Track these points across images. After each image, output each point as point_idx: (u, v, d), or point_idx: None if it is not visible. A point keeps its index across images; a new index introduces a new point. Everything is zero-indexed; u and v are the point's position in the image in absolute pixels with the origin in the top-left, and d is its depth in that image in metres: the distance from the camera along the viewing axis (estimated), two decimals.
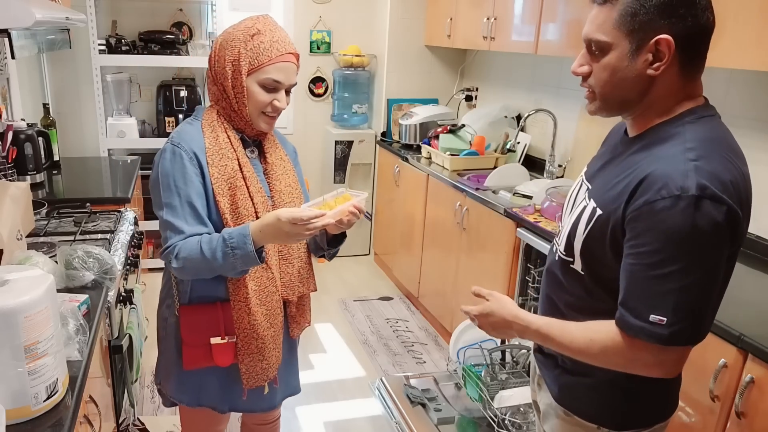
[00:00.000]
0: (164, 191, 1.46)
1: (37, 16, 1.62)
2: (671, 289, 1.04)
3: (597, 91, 1.15)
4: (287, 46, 1.50)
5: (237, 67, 1.47)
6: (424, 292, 3.70)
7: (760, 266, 2.09)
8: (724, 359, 1.62)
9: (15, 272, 1.20)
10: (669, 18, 1.05)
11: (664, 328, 1.04)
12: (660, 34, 1.05)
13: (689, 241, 1.02)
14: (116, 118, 3.88)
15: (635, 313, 1.07)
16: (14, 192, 1.85)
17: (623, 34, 1.07)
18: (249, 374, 1.58)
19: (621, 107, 1.16)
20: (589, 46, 1.13)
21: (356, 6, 4.36)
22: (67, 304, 1.52)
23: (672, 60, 1.08)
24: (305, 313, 1.73)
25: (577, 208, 1.23)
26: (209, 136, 1.50)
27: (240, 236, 1.39)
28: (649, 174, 1.06)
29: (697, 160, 1.04)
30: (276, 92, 1.49)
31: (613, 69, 1.10)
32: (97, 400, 1.60)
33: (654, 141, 1.12)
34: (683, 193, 1.01)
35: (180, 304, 1.58)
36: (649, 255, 1.04)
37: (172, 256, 1.44)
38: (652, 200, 1.03)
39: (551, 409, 1.36)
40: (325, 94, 4.50)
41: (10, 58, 2.15)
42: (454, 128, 3.64)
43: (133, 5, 3.90)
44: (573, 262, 1.22)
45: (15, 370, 1.12)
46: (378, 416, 2.74)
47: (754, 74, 2.17)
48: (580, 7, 2.53)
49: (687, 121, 1.12)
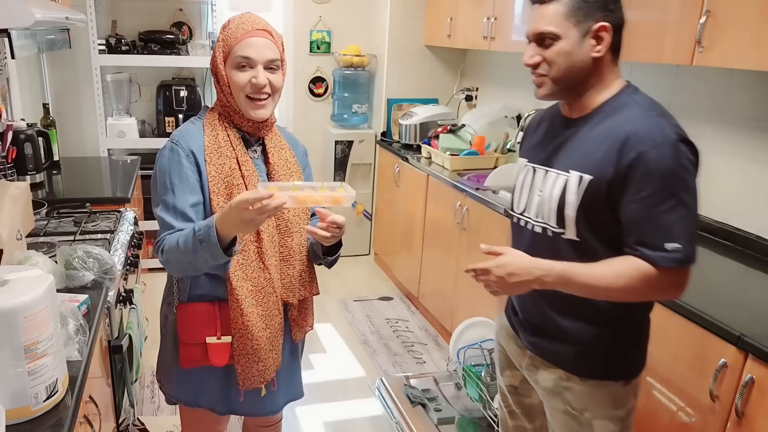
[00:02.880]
0: (160, 187, 1.48)
1: (37, 16, 1.62)
2: (676, 220, 1.24)
3: (551, 75, 1.35)
4: (254, 24, 1.49)
5: (216, 61, 1.51)
6: (424, 292, 3.70)
7: (760, 266, 2.09)
8: (724, 359, 1.62)
9: (15, 272, 1.20)
10: (604, 10, 1.31)
11: (681, 252, 1.24)
12: (599, 23, 1.30)
13: (679, 177, 1.24)
14: (116, 118, 3.88)
15: (653, 247, 1.26)
16: (14, 192, 1.85)
17: (571, 25, 1.30)
18: (245, 375, 1.57)
19: (571, 89, 1.37)
20: (540, 38, 1.34)
21: (356, 6, 4.36)
22: (67, 304, 1.52)
23: (608, 45, 1.33)
24: (307, 317, 1.71)
25: (550, 185, 1.39)
26: (209, 135, 1.51)
27: (205, 227, 1.36)
28: (630, 133, 1.26)
29: (660, 116, 1.29)
30: (252, 69, 1.48)
31: (566, 54, 1.32)
32: (96, 400, 1.60)
33: (609, 112, 1.34)
34: (666, 141, 1.24)
35: (179, 302, 1.58)
36: (650, 196, 1.24)
37: (159, 250, 1.46)
38: (642, 150, 1.24)
39: (561, 383, 1.46)
40: (325, 94, 4.50)
41: (10, 58, 2.15)
42: (454, 128, 3.64)
43: (133, 5, 3.90)
44: (565, 233, 1.37)
45: (15, 370, 1.11)
46: (378, 416, 2.74)
47: (754, 74, 2.16)
48: None
49: (628, 93, 1.36)
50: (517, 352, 1.59)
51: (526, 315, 1.53)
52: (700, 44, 1.95)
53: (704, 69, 2.35)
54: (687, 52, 2.01)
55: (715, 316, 1.67)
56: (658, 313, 1.29)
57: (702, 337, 1.69)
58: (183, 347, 1.56)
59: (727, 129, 2.30)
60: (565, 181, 1.35)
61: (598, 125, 1.34)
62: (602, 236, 1.34)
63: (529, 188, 1.46)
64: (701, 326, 1.69)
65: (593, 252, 1.34)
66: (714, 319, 1.66)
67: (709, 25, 1.92)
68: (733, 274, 2.07)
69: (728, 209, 2.30)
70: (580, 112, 1.39)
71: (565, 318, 1.43)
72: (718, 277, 2.03)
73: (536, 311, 1.49)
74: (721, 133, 2.33)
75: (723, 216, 2.31)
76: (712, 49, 1.93)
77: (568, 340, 1.44)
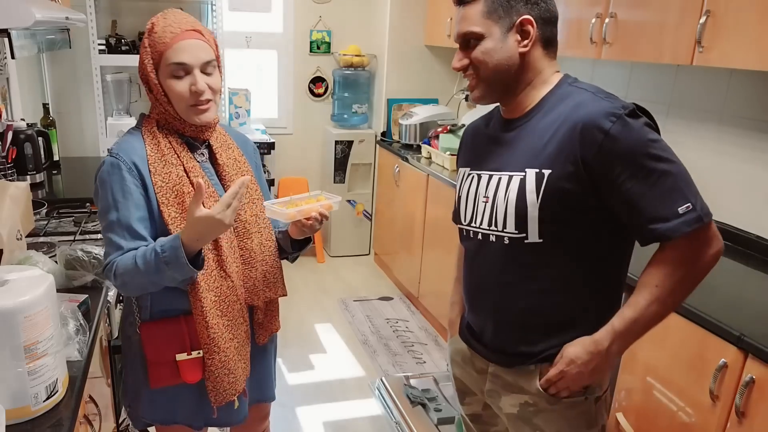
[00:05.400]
0: (103, 205, 1.40)
1: (37, 16, 1.62)
2: (672, 183, 1.18)
3: (480, 76, 1.30)
4: (182, 25, 1.39)
5: (145, 70, 1.41)
6: (424, 292, 3.70)
7: (760, 266, 2.09)
8: (724, 359, 1.62)
9: (15, 272, 1.21)
10: (527, 4, 1.25)
11: (694, 211, 1.18)
12: (522, 16, 1.25)
13: (652, 141, 1.19)
14: (116, 118, 3.88)
15: (665, 218, 1.18)
16: (14, 192, 1.85)
17: (493, 22, 1.26)
18: (216, 391, 1.49)
19: (503, 89, 1.31)
20: (465, 40, 1.29)
21: (356, 6, 4.36)
22: (67, 304, 1.52)
23: (536, 38, 1.27)
24: (273, 320, 1.64)
25: (503, 189, 1.29)
26: (150, 144, 1.43)
27: (171, 249, 1.30)
28: (585, 117, 1.20)
29: (608, 98, 1.23)
30: (188, 75, 1.39)
31: (490, 52, 1.27)
32: (96, 400, 1.60)
33: (553, 104, 1.28)
34: (624, 111, 1.18)
35: (141, 320, 1.48)
36: (635, 173, 1.18)
37: (111, 273, 1.38)
38: (605, 128, 1.18)
39: (528, 408, 1.34)
40: (325, 94, 4.50)
41: (10, 58, 2.15)
42: (454, 128, 3.64)
43: (133, 5, 3.90)
44: (527, 236, 1.27)
45: (15, 370, 1.12)
46: (378, 416, 2.74)
47: (754, 74, 2.17)
48: (580, 7, 2.52)
49: (569, 83, 1.31)
50: (475, 378, 1.47)
51: (488, 335, 1.40)
52: (700, 44, 1.95)
53: (704, 69, 2.35)
54: (687, 52, 2.01)
55: (715, 316, 1.67)
56: None
57: (702, 337, 1.69)
58: (152, 367, 1.47)
59: (727, 129, 2.30)
60: (521, 181, 1.26)
61: (543, 119, 1.28)
62: (569, 233, 1.26)
63: (474, 196, 1.37)
64: (701, 326, 1.69)
65: (556, 252, 1.27)
66: (714, 319, 1.66)
67: (709, 25, 1.92)
68: (733, 274, 2.07)
69: (728, 209, 2.30)
70: (521, 111, 1.32)
71: (531, 335, 1.33)
72: (718, 277, 2.03)
73: (498, 329, 1.38)
74: (721, 133, 2.33)
75: (723, 216, 2.30)
76: (712, 49, 1.93)
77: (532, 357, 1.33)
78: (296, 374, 3.04)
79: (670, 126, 2.52)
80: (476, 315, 1.43)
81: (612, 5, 2.34)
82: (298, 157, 4.53)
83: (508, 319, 1.35)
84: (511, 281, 1.32)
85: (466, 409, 1.56)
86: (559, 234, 1.26)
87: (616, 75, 2.81)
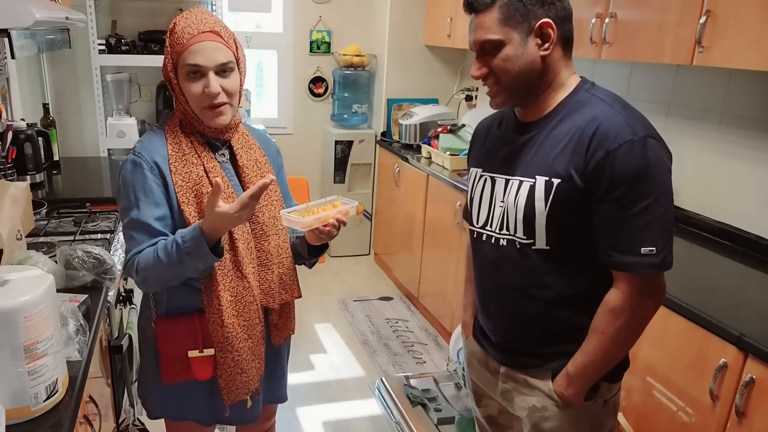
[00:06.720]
0: (125, 203, 1.43)
1: (37, 16, 1.62)
2: (649, 222, 1.17)
3: (502, 83, 1.27)
4: (200, 27, 1.39)
5: (166, 70, 1.44)
6: (424, 292, 3.70)
7: (760, 266, 2.09)
8: (724, 359, 1.62)
9: (15, 272, 1.20)
10: (543, 6, 1.22)
11: (656, 256, 1.18)
12: (541, 20, 1.22)
13: (650, 175, 1.16)
14: (116, 118, 3.88)
15: (626, 251, 1.19)
16: (14, 192, 1.85)
17: (511, 28, 1.22)
18: (228, 389, 1.51)
19: (525, 95, 1.29)
20: (483, 49, 1.27)
21: (356, 6, 4.36)
22: (67, 304, 1.52)
23: (556, 40, 1.24)
24: (288, 321, 1.65)
25: (514, 194, 1.29)
26: (172, 143, 1.45)
27: (192, 239, 1.32)
28: (596, 132, 1.19)
29: (625, 110, 1.21)
30: (203, 77, 1.40)
31: (512, 59, 1.24)
32: (96, 400, 1.60)
33: (571, 110, 1.26)
34: (635, 137, 1.16)
35: (157, 315, 1.52)
36: (621, 198, 1.17)
37: (133, 270, 1.40)
38: (611, 149, 1.16)
39: (536, 413, 1.35)
40: (325, 94, 4.50)
41: (10, 58, 2.15)
42: (454, 128, 3.64)
43: (133, 5, 3.90)
44: (535, 243, 1.27)
45: (15, 370, 1.11)
46: (378, 416, 2.74)
47: (754, 74, 2.16)
48: (580, 7, 2.52)
49: (587, 89, 1.29)
50: (490, 379, 1.48)
51: (498, 338, 1.42)
52: (700, 44, 1.95)
53: (704, 69, 2.35)
54: (687, 52, 2.01)
55: (715, 316, 1.67)
56: (658, 313, 1.28)
57: (702, 337, 1.69)
58: (164, 362, 1.51)
59: (727, 129, 2.30)
60: (531, 187, 1.26)
61: (558, 126, 1.26)
62: (573, 242, 1.26)
63: (489, 199, 1.36)
64: (701, 326, 1.69)
65: (564, 260, 1.27)
66: (714, 319, 1.66)
67: (709, 25, 1.92)
68: (733, 274, 2.07)
69: (728, 209, 2.30)
70: (537, 115, 1.31)
71: (541, 339, 1.34)
72: (718, 277, 2.04)
73: (509, 332, 1.39)
74: (721, 133, 2.32)
75: (723, 216, 2.31)
76: (712, 49, 1.93)
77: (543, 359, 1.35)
78: (296, 374, 3.04)
79: (670, 126, 2.52)
80: (488, 317, 1.44)
81: (612, 5, 2.34)
82: (298, 157, 4.53)
83: (519, 323, 1.36)
84: (521, 285, 1.33)
85: (482, 411, 1.57)
86: (566, 242, 1.26)
87: (616, 75, 2.81)
